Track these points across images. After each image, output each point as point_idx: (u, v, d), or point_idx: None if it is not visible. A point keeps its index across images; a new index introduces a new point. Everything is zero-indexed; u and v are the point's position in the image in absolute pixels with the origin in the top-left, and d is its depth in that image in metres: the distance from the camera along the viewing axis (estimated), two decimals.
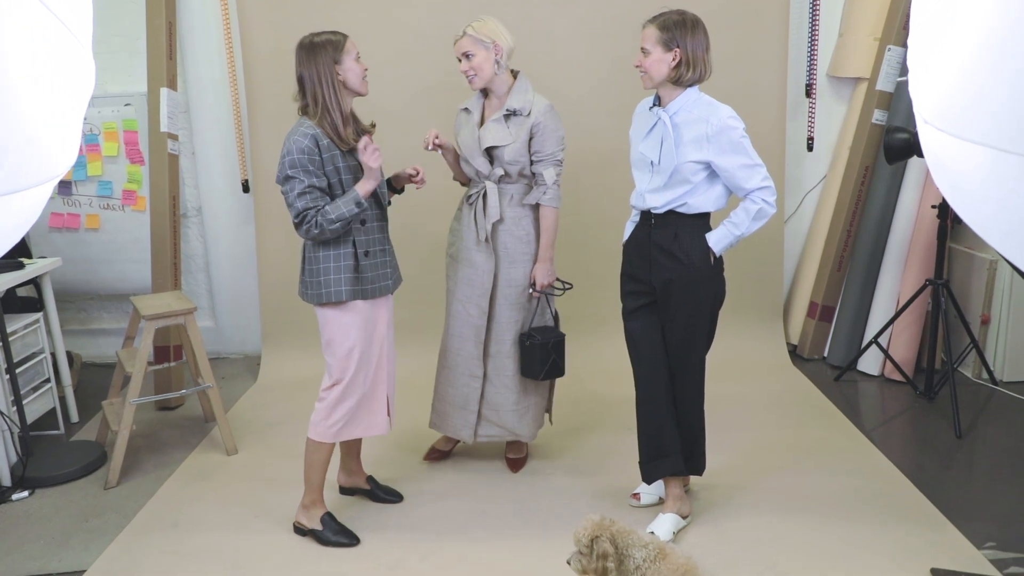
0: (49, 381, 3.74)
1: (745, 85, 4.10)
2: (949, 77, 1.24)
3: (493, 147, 2.90)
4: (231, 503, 3.07)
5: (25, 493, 3.18)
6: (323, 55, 2.51)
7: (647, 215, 2.66)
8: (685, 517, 2.79)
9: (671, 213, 2.60)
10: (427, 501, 3.02)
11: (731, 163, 2.52)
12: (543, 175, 2.90)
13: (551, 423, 3.34)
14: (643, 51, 2.53)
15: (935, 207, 3.72)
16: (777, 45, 4.16)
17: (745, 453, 3.31)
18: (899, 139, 3.51)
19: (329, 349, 2.68)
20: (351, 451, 3.02)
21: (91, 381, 4.43)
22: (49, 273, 3.77)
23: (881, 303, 4.18)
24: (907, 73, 1.48)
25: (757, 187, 2.53)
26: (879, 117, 4.13)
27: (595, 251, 4.24)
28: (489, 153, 2.92)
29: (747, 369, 4.19)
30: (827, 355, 4.39)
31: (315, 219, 2.51)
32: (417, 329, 4.20)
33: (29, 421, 3.47)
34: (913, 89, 1.44)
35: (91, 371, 4.60)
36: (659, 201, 2.60)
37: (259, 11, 4.14)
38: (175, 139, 4.14)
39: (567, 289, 3.09)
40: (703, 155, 2.52)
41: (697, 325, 2.66)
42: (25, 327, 3.60)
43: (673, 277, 2.61)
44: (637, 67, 2.56)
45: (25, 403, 3.46)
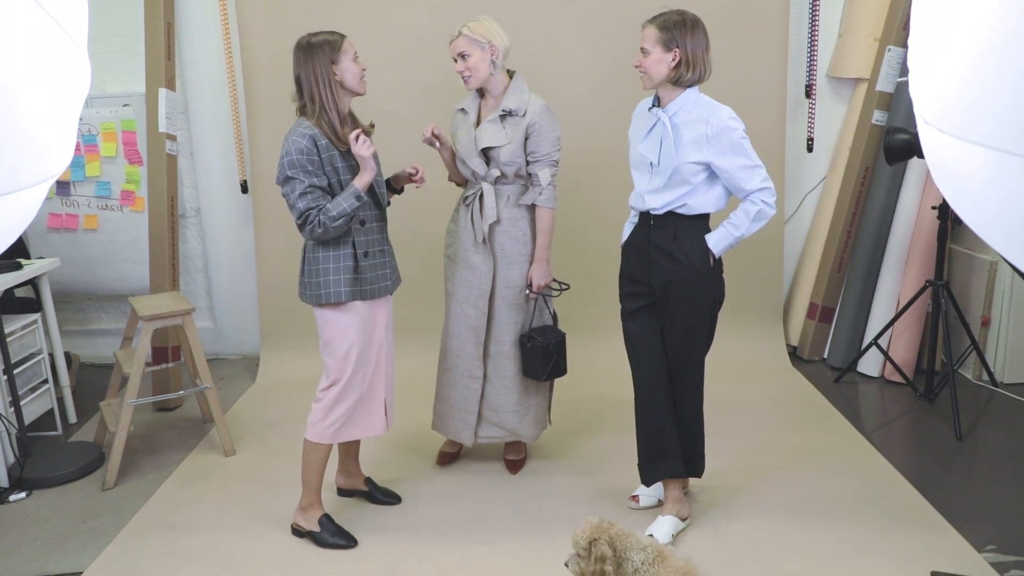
0: (47, 382, 3.74)
1: (745, 86, 4.10)
2: (950, 78, 1.23)
3: (489, 148, 2.89)
4: (229, 504, 3.06)
5: (23, 494, 3.17)
6: (320, 55, 2.51)
7: (646, 216, 2.65)
8: (684, 519, 2.78)
9: (670, 214, 2.59)
10: (426, 503, 3.01)
11: (731, 164, 2.51)
12: (538, 176, 2.89)
13: (550, 423, 3.33)
14: (643, 51, 2.52)
15: (935, 208, 3.71)
16: (777, 45, 4.15)
17: (744, 455, 3.30)
18: (899, 140, 3.51)
19: (327, 350, 2.68)
20: (349, 452, 3.01)
21: (90, 382, 4.42)
22: (47, 274, 3.77)
23: (881, 304, 4.17)
24: (907, 74, 1.47)
25: (757, 188, 2.53)
26: (879, 118, 4.13)
27: (594, 252, 4.24)
28: (485, 154, 2.91)
29: (747, 371, 4.18)
30: (827, 356, 4.38)
31: (318, 218, 2.50)
32: (417, 329, 4.20)
33: (27, 422, 3.46)
34: (914, 90, 1.43)
35: (89, 372, 4.60)
36: (658, 202, 2.59)
37: (258, 12, 4.14)
38: (173, 140, 4.13)
39: (564, 290, 3.09)
40: (703, 156, 2.51)
41: (696, 326, 2.65)
42: (23, 328, 3.59)
43: (672, 278, 2.60)
44: (636, 67, 2.55)
45: (23, 404, 3.46)
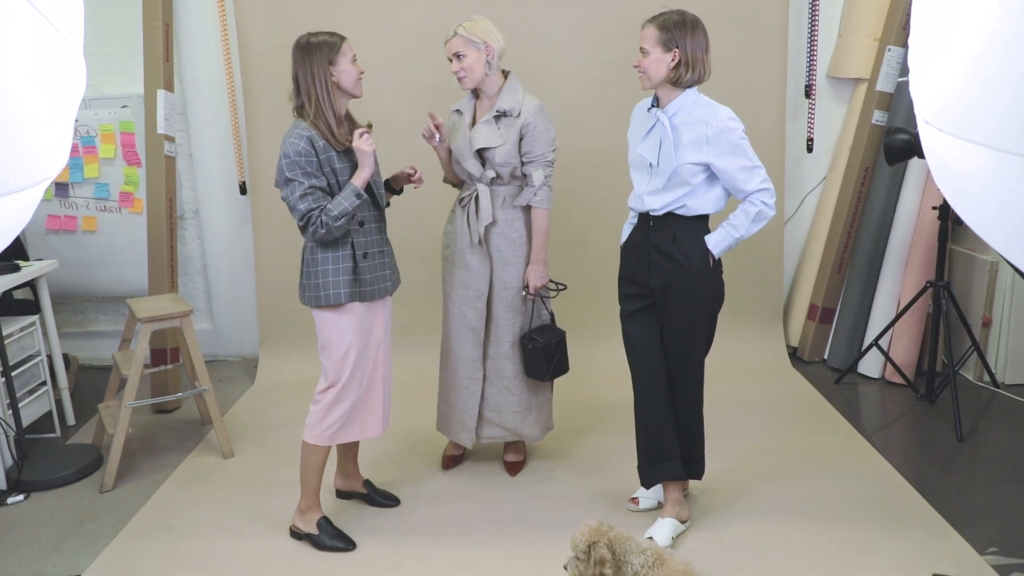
0: (45, 384, 3.73)
1: (744, 86, 4.09)
2: (951, 78, 1.22)
3: (484, 149, 2.88)
4: (227, 507, 3.05)
5: (20, 497, 3.16)
6: (318, 55, 2.50)
7: (645, 217, 2.64)
8: (684, 522, 2.76)
9: (670, 215, 2.58)
10: (424, 505, 3.00)
11: (730, 165, 2.50)
12: (531, 176, 2.89)
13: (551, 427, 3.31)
14: (642, 51, 2.51)
15: (936, 208, 3.70)
16: (776, 46, 4.14)
17: (745, 457, 3.29)
18: (899, 140, 3.50)
19: (325, 351, 2.67)
20: (348, 454, 3.00)
21: (88, 383, 4.41)
22: (46, 275, 3.76)
23: (881, 305, 4.16)
24: (907, 73, 1.46)
25: (756, 189, 2.52)
26: (879, 118, 4.12)
27: (593, 253, 4.23)
28: (480, 155, 2.90)
29: (747, 372, 4.17)
30: (827, 358, 4.37)
31: (320, 219, 2.49)
32: (416, 331, 4.19)
33: (25, 424, 3.46)
34: (914, 90, 1.42)
35: (88, 373, 4.59)
36: (658, 203, 2.58)
37: (256, 13, 4.13)
38: (172, 141, 4.12)
39: (560, 290, 3.08)
40: (702, 157, 2.50)
41: (696, 328, 2.64)
42: (21, 330, 3.58)
43: (672, 280, 2.59)
44: (636, 67, 2.54)
45: (21, 406, 3.45)
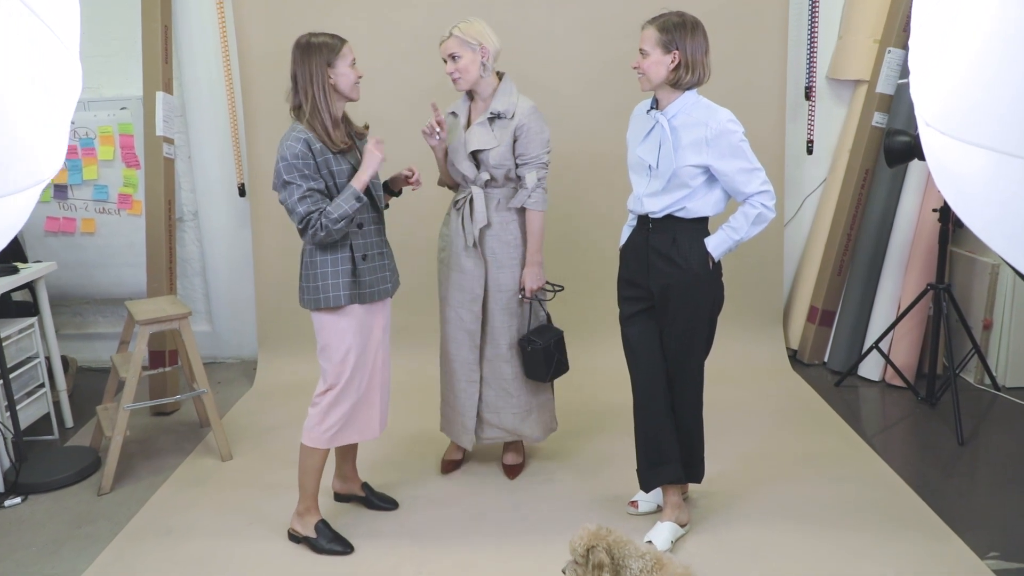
0: (43, 386, 3.72)
1: (744, 88, 4.08)
2: (952, 79, 1.22)
3: (478, 151, 2.87)
4: (225, 510, 3.04)
5: (17, 499, 3.15)
6: (317, 56, 2.50)
7: (645, 219, 2.63)
8: (683, 526, 2.75)
9: (669, 218, 2.57)
10: (423, 508, 2.99)
11: (730, 167, 2.49)
12: (525, 178, 2.88)
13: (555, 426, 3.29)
14: (641, 52, 2.50)
15: (936, 211, 3.69)
16: (776, 47, 4.14)
17: (744, 460, 3.28)
18: (900, 142, 3.49)
19: (324, 354, 2.66)
20: (346, 457, 2.99)
21: (87, 385, 4.40)
22: (44, 277, 3.76)
23: (882, 308, 4.14)
24: (908, 75, 1.45)
25: (756, 191, 2.51)
26: (879, 120, 4.11)
27: (592, 255, 4.22)
28: (475, 157, 2.90)
29: (746, 374, 4.16)
30: (827, 360, 4.36)
31: (320, 221, 2.48)
32: (416, 333, 4.18)
33: (23, 426, 3.45)
34: (915, 91, 1.41)
35: (87, 375, 4.58)
36: (657, 205, 2.57)
37: (255, 14, 4.12)
38: (171, 143, 4.12)
39: (557, 291, 3.07)
40: (702, 159, 2.49)
41: (695, 330, 2.63)
42: (19, 332, 3.58)
43: (671, 282, 2.58)
44: (635, 69, 2.53)
45: (19, 408, 3.44)
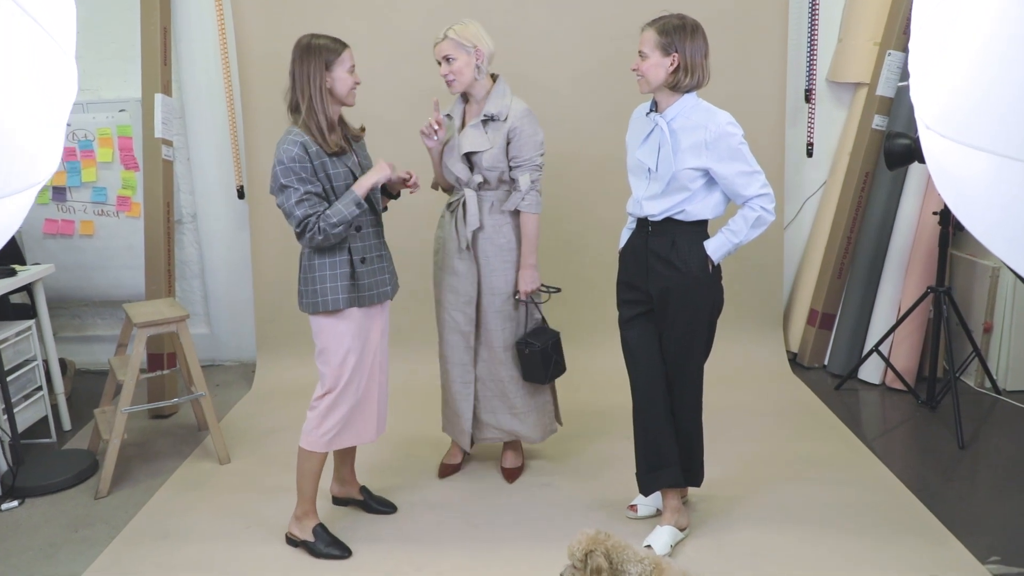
0: (41, 389, 3.71)
1: (744, 90, 4.07)
2: (952, 82, 1.21)
3: (471, 153, 2.87)
4: (223, 513, 3.03)
5: (15, 503, 3.14)
6: (316, 58, 2.49)
7: (644, 222, 2.62)
8: (683, 530, 2.74)
9: (668, 220, 2.56)
10: (421, 512, 2.98)
11: (729, 170, 2.48)
12: (518, 181, 2.87)
13: (560, 424, 3.28)
14: (641, 55, 2.49)
15: (936, 213, 3.68)
16: (776, 50, 4.13)
17: (744, 464, 3.27)
18: (900, 145, 3.48)
19: (322, 357, 2.65)
20: (345, 460, 2.98)
21: (85, 388, 4.39)
22: (42, 279, 3.75)
23: (882, 311, 4.13)
24: (908, 78, 1.45)
25: (756, 194, 2.50)
26: (879, 122, 4.10)
27: (591, 258, 4.21)
28: (468, 159, 2.89)
29: (746, 378, 4.14)
30: (827, 363, 4.34)
31: (318, 225, 2.47)
32: (414, 335, 4.17)
33: (21, 429, 3.44)
34: (915, 94, 1.40)
35: (86, 378, 4.57)
36: (656, 208, 2.56)
37: (255, 16, 4.12)
38: (170, 145, 4.11)
39: (553, 293, 3.06)
40: (701, 162, 2.49)
41: (695, 334, 2.62)
42: (17, 334, 3.57)
43: (670, 285, 2.57)
44: (634, 71, 2.53)
45: (16, 411, 3.43)
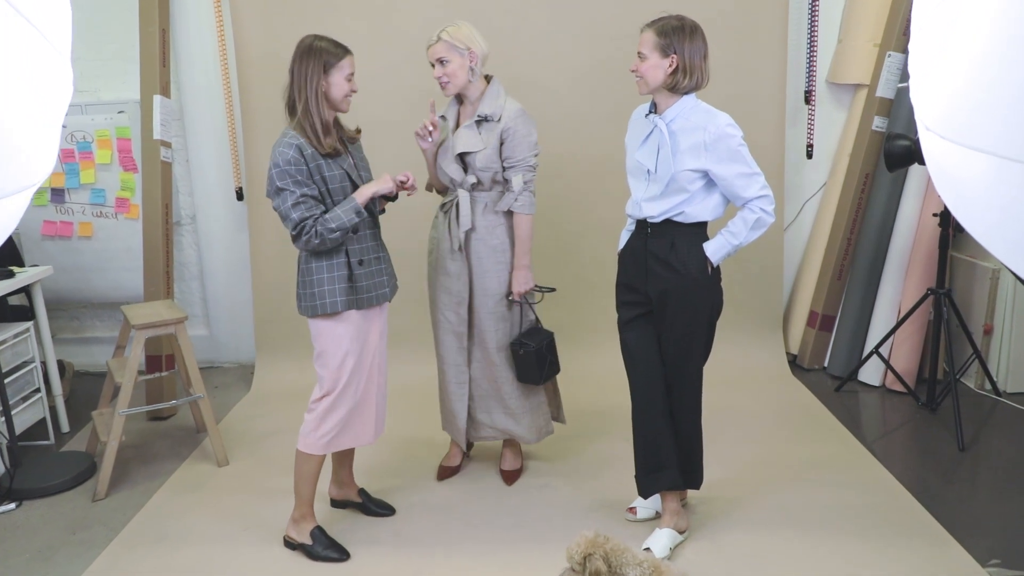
0: (39, 391, 3.70)
1: (743, 92, 4.06)
2: (952, 83, 1.20)
3: (465, 153, 2.86)
4: (221, 516, 3.02)
5: (12, 505, 3.13)
6: (315, 60, 2.48)
7: (643, 224, 2.61)
8: (682, 532, 2.73)
9: (668, 222, 2.55)
10: (420, 515, 2.97)
11: (729, 172, 2.47)
12: (511, 181, 2.87)
13: (563, 421, 3.27)
14: (640, 55, 2.49)
15: (936, 215, 3.68)
16: (776, 51, 4.12)
17: (744, 466, 3.26)
18: (900, 146, 3.48)
19: (321, 360, 2.64)
20: (343, 463, 2.97)
21: (84, 390, 4.39)
22: (41, 281, 3.74)
23: (882, 312, 4.13)
24: (908, 79, 1.44)
25: (755, 196, 2.49)
26: (879, 124, 4.10)
27: (590, 260, 4.20)
28: (462, 160, 2.89)
29: (746, 379, 4.14)
30: (827, 365, 4.34)
31: (314, 228, 2.46)
32: (412, 336, 4.16)
33: (19, 431, 3.44)
34: (914, 95, 1.40)
35: (84, 380, 4.56)
36: (656, 210, 2.55)
37: (253, 18, 4.11)
38: (168, 147, 4.11)
39: (546, 293, 3.06)
40: (700, 163, 2.48)
41: (694, 336, 2.61)
42: (15, 336, 3.56)
43: (670, 287, 2.56)
44: (633, 72, 2.52)
45: (14, 413, 3.42)
